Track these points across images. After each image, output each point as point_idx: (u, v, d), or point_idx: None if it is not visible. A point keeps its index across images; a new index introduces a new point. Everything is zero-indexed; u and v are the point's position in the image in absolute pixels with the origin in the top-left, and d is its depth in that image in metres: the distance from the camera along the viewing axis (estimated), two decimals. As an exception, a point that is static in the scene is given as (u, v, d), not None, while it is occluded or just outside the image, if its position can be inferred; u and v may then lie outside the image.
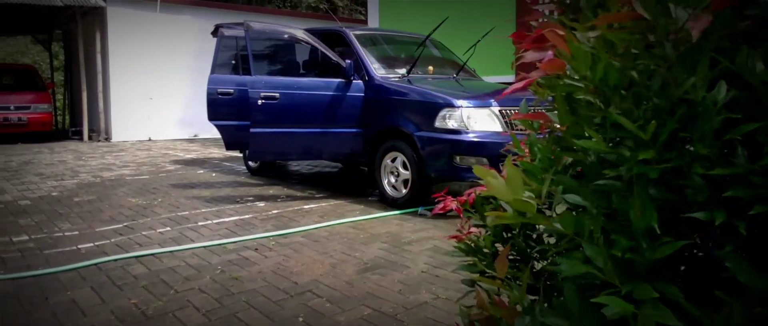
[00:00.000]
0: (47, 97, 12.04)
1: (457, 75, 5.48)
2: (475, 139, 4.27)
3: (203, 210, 4.64)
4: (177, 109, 12.67)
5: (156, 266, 3.19)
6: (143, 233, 3.92)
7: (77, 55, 12.36)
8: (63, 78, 15.67)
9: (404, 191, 4.71)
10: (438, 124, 4.37)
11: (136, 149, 10.14)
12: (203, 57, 12.71)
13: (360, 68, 5.04)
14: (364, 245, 3.62)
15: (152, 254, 3.40)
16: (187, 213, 4.56)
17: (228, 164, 7.86)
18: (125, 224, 4.21)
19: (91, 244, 3.65)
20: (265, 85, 4.72)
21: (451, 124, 4.32)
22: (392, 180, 4.81)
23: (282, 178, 6.33)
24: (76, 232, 3.97)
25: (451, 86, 5.12)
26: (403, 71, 5.27)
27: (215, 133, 13.21)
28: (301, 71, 5.94)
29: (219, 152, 9.57)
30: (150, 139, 12.22)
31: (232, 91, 5.66)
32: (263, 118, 4.73)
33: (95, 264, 3.22)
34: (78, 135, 12.29)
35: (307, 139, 4.91)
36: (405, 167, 4.68)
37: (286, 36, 5.01)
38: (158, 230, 4.00)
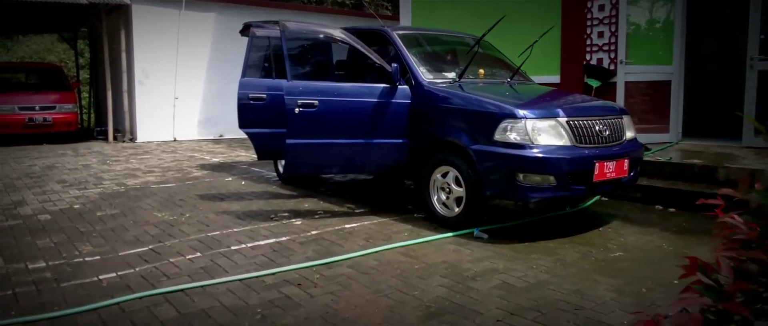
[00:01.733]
0: (72, 97, 11.82)
1: (511, 79, 4.97)
2: (541, 155, 3.77)
3: (235, 230, 4.22)
4: (202, 109, 12.36)
5: (186, 307, 2.77)
6: (171, 260, 3.51)
7: (102, 53, 12.12)
8: (88, 76, 15.50)
9: (457, 210, 4.23)
10: (498, 136, 3.87)
11: (161, 151, 9.83)
12: (229, 55, 12.38)
13: (405, 72, 4.57)
14: (422, 279, 3.15)
15: (182, 290, 2.98)
16: (217, 233, 4.15)
17: (256, 169, 7.47)
18: (151, 247, 3.81)
19: (114, 275, 3.25)
20: (303, 91, 4.27)
21: (514, 137, 3.82)
22: (443, 197, 4.33)
23: (315, 188, 5.90)
24: (98, 257, 3.58)
25: (507, 92, 4.62)
26: (452, 75, 4.78)
27: (240, 134, 12.92)
28: (338, 74, 5.48)
29: (246, 155, 9.20)
30: (175, 140, 11.93)
31: (264, 96, 5.23)
32: (301, 127, 4.29)
33: (117, 304, 2.81)
34: (103, 135, 12.07)
35: (348, 150, 4.46)
36: (458, 183, 4.20)
37: (322, 36, 4.56)
38: (187, 256, 3.59)
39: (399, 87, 4.47)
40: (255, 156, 9.03)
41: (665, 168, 5.56)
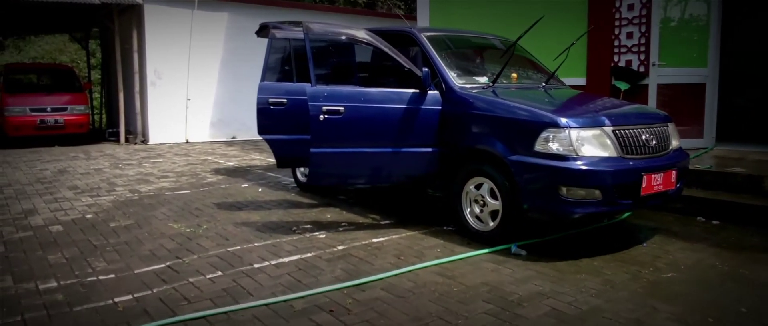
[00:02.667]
0: (84, 99, 11.66)
1: (546, 83, 4.69)
2: (586, 167, 3.49)
3: (257, 245, 3.98)
4: (215, 110, 12.18)
5: (210, 337, 2.54)
6: (190, 280, 3.27)
7: (114, 54, 11.95)
8: (100, 77, 15.37)
9: (491, 224, 3.96)
10: (539, 147, 3.60)
11: (173, 154, 9.64)
12: (242, 55, 12.19)
13: (434, 77, 4.31)
14: (464, 305, 2.89)
15: (203, 317, 2.75)
16: (238, 248, 3.91)
17: (273, 175, 7.24)
18: (168, 263, 3.58)
19: (130, 297, 3.02)
20: (328, 97, 4.03)
21: (556, 147, 3.55)
22: (476, 210, 4.06)
23: (334, 196, 5.65)
24: (112, 276, 3.36)
25: (545, 99, 4.35)
26: (484, 80, 4.51)
27: (253, 135, 12.67)
28: (360, 78, 5.23)
29: (260, 158, 8.99)
30: (187, 141, 11.75)
31: (284, 100, 5.00)
32: (326, 135, 4.04)
33: (135, 333, 2.58)
34: (115, 137, 11.91)
35: (375, 160, 4.20)
36: (493, 196, 3.94)
37: (348, 38, 4.30)
38: (207, 275, 3.35)
39: (429, 92, 4.21)
40: (270, 160, 8.85)
41: (705, 177, 5.27)
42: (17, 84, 11.89)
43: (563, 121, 3.57)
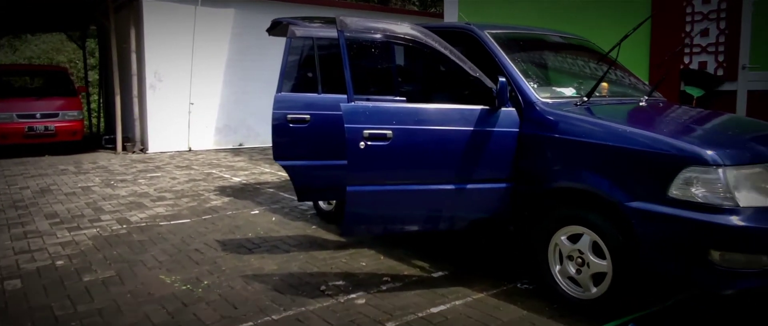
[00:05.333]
0: (77, 103, 10.67)
1: (649, 96, 3.61)
2: (752, 224, 2.43)
3: (275, 318, 2.94)
4: (220, 115, 11.17)
5: None
6: (182, 393, 2.24)
7: (110, 54, 10.97)
8: (98, 78, 14.40)
9: (594, 290, 2.91)
10: (676, 191, 2.54)
11: (174, 166, 8.63)
12: (250, 55, 11.16)
13: (509, 89, 3.25)
14: None
15: None
16: (250, 324, 2.87)
17: (287, 195, 6.21)
18: (153, 354, 2.55)
19: None
20: (371, 117, 2.97)
21: (703, 193, 2.49)
22: (570, 269, 3.01)
23: (367, 231, 4.61)
24: (71, 382, 2.33)
25: (663, 119, 3.29)
26: (570, 91, 3.45)
27: (262, 142, 11.74)
28: (404, 90, 4.17)
29: (271, 171, 7.96)
30: (190, 150, 10.75)
31: (307, 116, 3.95)
32: (368, 168, 2.99)
33: None
34: (112, 144, 10.92)
35: (432, 200, 3.15)
36: (597, 253, 2.88)
37: (398, 36, 3.24)
38: (208, 383, 2.31)
39: (501, 110, 3.16)
40: (282, 174, 7.80)
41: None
42: (4, 87, 10.90)
43: (711, 154, 2.51)
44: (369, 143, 2.96)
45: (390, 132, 2.99)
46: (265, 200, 6.02)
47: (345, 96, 3.05)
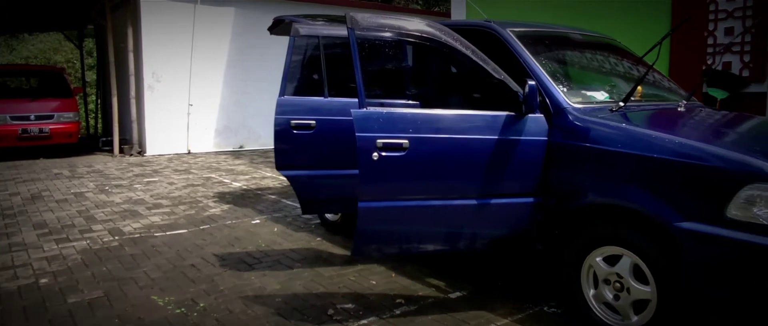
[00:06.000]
0: (73, 105, 10.36)
1: (688, 101, 3.30)
2: (826, 249, 2.12)
3: (278, 350, 2.64)
4: (220, 117, 10.87)
5: None
6: None
7: (107, 54, 10.66)
8: (96, 78, 14.11)
9: (634, 318, 2.60)
10: (735, 212, 2.23)
11: (172, 169, 8.32)
12: (251, 55, 10.84)
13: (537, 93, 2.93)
14: None
15: None
16: (250, 357, 2.57)
17: (289, 203, 5.90)
18: (140, 396, 2.24)
19: None
20: (386, 125, 2.66)
21: (766, 214, 2.18)
22: (607, 294, 2.69)
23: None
24: None
25: (709, 126, 2.98)
26: (602, 96, 3.14)
27: (263, 144, 11.43)
28: (415, 93, 3.86)
29: (272, 176, 7.66)
30: (189, 152, 10.44)
31: (312, 122, 3.64)
32: (382, 182, 2.69)
33: None
34: (109, 146, 10.62)
35: (452, 217, 2.84)
36: (639, 277, 2.58)
37: (412, 34, 2.93)
38: None
39: (529, 116, 2.85)
40: (284, 179, 7.52)
41: None
42: (-2, 88, 10.61)
43: (775, 169, 2.20)
44: (383, 154, 2.65)
45: (406, 141, 2.68)
46: (266, 208, 5.72)
47: (353, 100, 2.76)
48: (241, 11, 10.80)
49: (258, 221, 5.16)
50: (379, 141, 2.65)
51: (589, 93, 3.13)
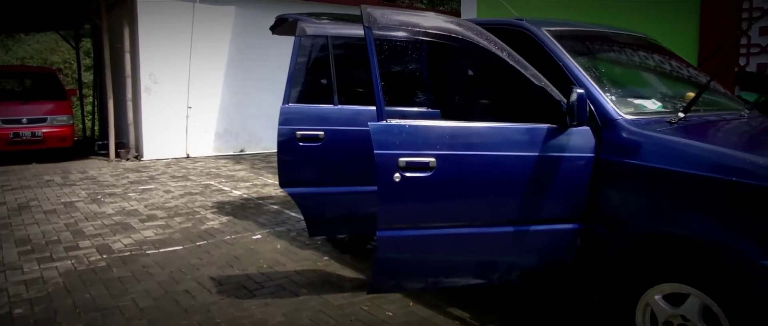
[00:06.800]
0: (67, 107, 9.97)
1: (749, 111, 2.90)
2: None
3: None
4: (220, 120, 10.48)
5: None
6: None
7: (103, 55, 10.27)
8: (93, 80, 13.72)
9: (704, 370, 2.20)
10: (841, 249, 1.83)
11: (169, 176, 7.94)
12: (252, 56, 10.43)
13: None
14: None
15: None
16: None
17: (293, 214, 5.51)
18: None
19: None
20: (409, 141, 2.27)
21: None
22: (669, 339, 2.30)
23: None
24: None
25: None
26: (655, 105, 2.74)
27: (265, 148, 11.03)
28: (427, 98, 3.46)
29: (274, 182, 7.28)
30: (188, 156, 10.06)
31: (320, 133, 3.24)
32: (405, 207, 2.30)
33: None
34: (104, 150, 10.23)
35: (486, 246, 2.45)
36: (707, 320, 2.18)
37: (418, 33, 2.55)
38: None
39: (573, 130, 2.45)
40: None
41: None
42: (-11, 90, 10.23)
43: None
44: (406, 175, 2.26)
45: (433, 160, 2.29)
46: (268, 220, 5.33)
47: (366, 107, 2.37)
48: (241, 10, 10.42)
49: (259, 236, 4.77)
50: (401, 159, 2.25)
51: (639, 101, 2.73)
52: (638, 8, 6.34)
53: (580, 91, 2.34)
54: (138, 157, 9.85)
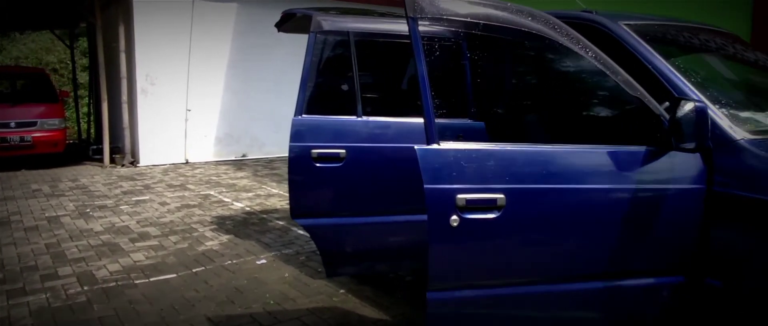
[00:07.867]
0: (59, 110, 9.42)
1: None
2: None
3: None
4: (221, 123, 9.92)
5: None
6: None
7: (97, 55, 9.71)
8: (89, 80, 13.18)
9: None
10: None
11: (166, 184, 7.37)
12: (253, 56, 9.85)
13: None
14: None
15: None
16: None
17: (301, 233, 4.93)
18: None
19: None
20: (469, 172, 1.69)
21: None
22: None
23: (409, 294, 3.34)
24: None
25: None
26: (764, 115, 2.16)
27: (268, 153, 10.45)
28: (466, 108, 2.87)
29: (279, 193, 6.73)
30: (187, 162, 9.49)
31: (341, 152, 2.66)
32: (463, 260, 1.72)
33: None
34: (99, 155, 9.68)
35: (568, 308, 1.87)
36: None
37: (480, 24, 1.96)
38: None
39: (679, 154, 1.87)
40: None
41: None
42: (-24, 93, 9.67)
43: None
44: (466, 216, 1.68)
45: (502, 196, 1.71)
46: (273, 240, 4.75)
47: (396, 120, 1.79)
48: (243, 7, 9.85)
49: (264, 261, 4.20)
50: (460, 196, 1.68)
51: (755, 116, 2.15)
52: (683, 3, 5.75)
53: (699, 102, 1.76)
54: (134, 162, 9.29)
